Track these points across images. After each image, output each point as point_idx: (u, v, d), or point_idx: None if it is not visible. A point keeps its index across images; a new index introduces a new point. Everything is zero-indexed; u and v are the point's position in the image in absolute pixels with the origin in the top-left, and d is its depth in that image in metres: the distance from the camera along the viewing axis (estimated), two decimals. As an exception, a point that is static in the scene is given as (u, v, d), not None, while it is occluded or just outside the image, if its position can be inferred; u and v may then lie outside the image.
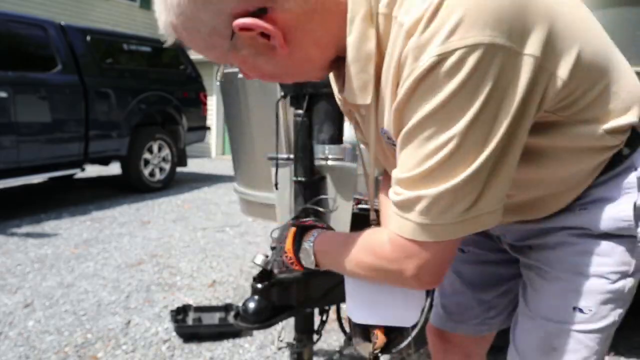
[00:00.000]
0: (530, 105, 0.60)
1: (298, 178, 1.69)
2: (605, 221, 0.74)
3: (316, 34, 0.67)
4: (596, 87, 0.68)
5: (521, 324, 0.86)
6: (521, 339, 0.85)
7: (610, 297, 0.76)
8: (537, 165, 0.71)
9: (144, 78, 6.32)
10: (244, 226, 4.58)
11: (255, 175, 2.71)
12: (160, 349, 2.28)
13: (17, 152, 4.83)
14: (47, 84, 5.19)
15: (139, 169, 6.14)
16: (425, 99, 0.58)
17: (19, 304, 2.76)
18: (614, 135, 0.71)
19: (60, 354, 2.23)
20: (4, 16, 5.10)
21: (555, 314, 0.79)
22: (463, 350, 1.14)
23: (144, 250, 3.82)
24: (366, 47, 0.65)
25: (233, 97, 2.78)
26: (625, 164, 0.74)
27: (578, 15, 0.69)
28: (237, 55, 0.68)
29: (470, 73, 0.56)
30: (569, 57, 0.63)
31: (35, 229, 4.42)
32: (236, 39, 0.65)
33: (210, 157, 11.15)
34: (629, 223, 0.74)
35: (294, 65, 0.70)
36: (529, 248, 0.85)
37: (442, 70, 0.56)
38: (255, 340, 2.36)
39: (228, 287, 3.07)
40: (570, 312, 0.77)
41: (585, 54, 0.65)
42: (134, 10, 11.70)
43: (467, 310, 1.08)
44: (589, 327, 0.77)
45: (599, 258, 0.75)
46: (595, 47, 0.68)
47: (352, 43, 0.65)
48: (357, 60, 0.66)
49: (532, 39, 0.58)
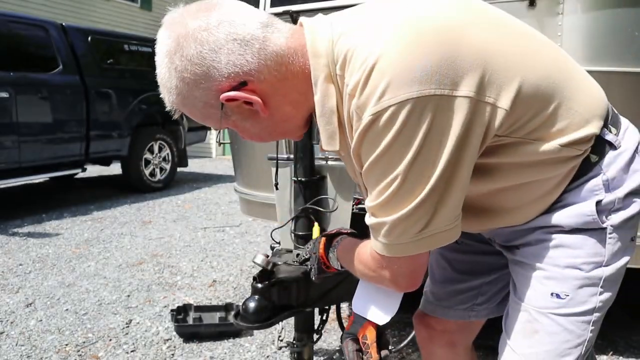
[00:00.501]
0: (471, 138, 0.70)
1: (298, 178, 1.70)
2: (572, 218, 0.82)
3: (290, 96, 0.80)
4: (545, 110, 0.75)
5: (509, 311, 0.93)
6: (508, 323, 0.92)
7: (586, 283, 0.82)
8: (499, 179, 0.80)
9: (145, 78, 6.31)
10: (244, 226, 4.59)
11: (256, 175, 2.71)
12: (161, 349, 2.29)
13: (18, 152, 4.84)
14: (48, 84, 5.20)
15: (140, 169, 6.15)
16: (371, 148, 0.71)
17: (21, 304, 2.77)
18: (573, 147, 0.78)
19: (61, 353, 2.23)
20: (5, 16, 5.11)
21: (535, 300, 0.85)
22: (448, 338, 1.18)
23: (145, 250, 3.83)
24: (329, 104, 0.77)
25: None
26: (595, 171, 0.81)
27: (519, 50, 0.76)
28: (229, 121, 0.82)
29: (403, 124, 0.66)
30: (510, 89, 0.71)
31: (36, 228, 4.43)
32: (225, 108, 0.79)
33: (210, 157, 11.16)
34: (592, 217, 0.81)
35: (275, 125, 0.83)
36: (516, 247, 0.92)
37: (379, 125, 0.68)
38: (255, 339, 2.37)
39: (228, 286, 3.08)
40: (548, 298, 0.83)
41: (527, 85, 0.72)
42: (134, 11, 11.70)
43: (456, 296, 1.13)
44: (568, 311, 0.82)
45: (572, 250, 0.82)
46: (539, 75, 0.75)
47: (317, 101, 0.78)
48: (323, 115, 0.78)
49: (464, 82, 0.67)
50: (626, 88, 1.84)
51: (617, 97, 1.87)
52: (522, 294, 0.88)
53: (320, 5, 2.28)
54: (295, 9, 2.32)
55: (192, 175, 7.97)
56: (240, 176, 2.90)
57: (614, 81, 1.82)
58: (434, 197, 0.71)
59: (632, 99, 1.84)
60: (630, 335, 2.37)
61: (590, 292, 0.82)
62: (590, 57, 1.81)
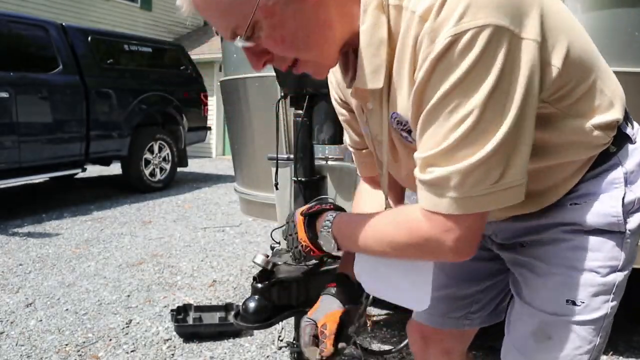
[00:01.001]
0: (534, 85, 0.64)
1: (298, 178, 1.70)
2: (595, 217, 0.78)
3: (339, 6, 0.71)
4: (586, 81, 0.73)
5: (516, 314, 0.89)
6: (516, 328, 0.88)
7: (601, 290, 0.79)
8: (535, 157, 0.73)
9: (145, 78, 6.33)
10: (244, 226, 4.59)
11: (256, 175, 2.71)
12: (161, 349, 2.29)
13: (18, 152, 4.84)
14: (48, 84, 5.20)
15: (140, 169, 6.15)
16: (444, 77, 0.62)
17: (21, 304, 2.77)
18: (602, 132, 0.76)
19: (61, 353, 2.23)
20: (5, 17, 5.11)
21: (550, 306, 0.82)
22: (444, 346, 1.16)
23: (145, 250, 3.83)
24: (379, 33, 0.70)
25: (233, 97, 2.79)
26: (613, 161, 0.79)
27: (567, 14, 0.73)
28: (266, 5, 0.67)
29: (483, 49, 0.61)
30: (561, 48, 0.67)
31: (36, 228, 4.43)
32: None
33: (210, 157, 11.16)
34: (617, 219, 0.78)
35: (316, 26, 0.71)
36: (521, 245, 0.88)
37: (457, 49, 0.61)
38: (255, 339, 2.37)
39: (228, 286, 3.08)
40: (564, 305, 0.80)
41: (574, 48, 0.69)
42: (134, 11, 11.70)
43: (451, 304, 1.11)
44: (583, 319, 0.80)
45: (590, 253, 0.79)
46: (582, 43, 0.73)
47: (365, 30, 0.70)
48: (370, 45, 0.70)
49: (530, 25, 0.63)
50: (626, 88, 1.84)
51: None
52: (532, 298, 0.85)
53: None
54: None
55: (192, 175, 7.97)
56: (240, 176, 2.90)
57: (614, 81, 1.82)
58: (509, 141, 0.64)
59: (632, 99, 1.84)
60: (631, 335, 2.37)
61: (604, 299, 0.80)
62: (590, 57, 1.81)
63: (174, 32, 12.62)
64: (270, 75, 2.28)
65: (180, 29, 12.85)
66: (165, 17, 12.32)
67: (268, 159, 1.84)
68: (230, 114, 2.90)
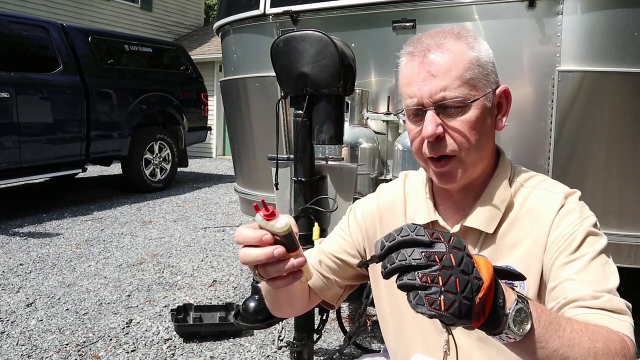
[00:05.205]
0: None
1: (298, 178, 1.70)
2: None
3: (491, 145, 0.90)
4: None
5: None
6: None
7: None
8: None
9: (145, 79, 6.33)
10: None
11: (256, 175, 2.72)
12: (161, 348, 2.29)
13: (19, 152, 4.85)
14: (49, 84, 5.20)
15: (140, 169, 6.16)
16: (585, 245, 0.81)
17: (21, 303, 2.77)
18: None
19: (61, 352, 2.24)
20: (6, 17, 5.12)
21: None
22: None
23: (145, 249, 3.83)
24: (506, 193, 0.88)
25: (233, 97, 2.79)
26: None
27: None
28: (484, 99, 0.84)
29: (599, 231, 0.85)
30: None
31: (37, 228, 4.44)
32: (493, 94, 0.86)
33: (211, 157, 11.17)
34: None
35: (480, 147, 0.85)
36: None
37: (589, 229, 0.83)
38: (255, 339, 2.37)
39: (228, 286, 3.08)
40: None
41: None
42: (134, 11, 11.70)
43: None
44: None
45: None
46: None
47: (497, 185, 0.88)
48: (497, 197, 0.87)
49: None
50: (626, 88, 1.84)
51: (616, 97, 1.88)
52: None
53: (320, 5, 2.28)
54: (295, 9, 2.32)
55: (192, 175, 7.97)
56: (240, 176, 2.91)
57: (613, 81, 1.82)
58: None
59: (632, 99, 1.84)
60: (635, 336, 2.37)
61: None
62: (590, 57, 1.81)
63: (174, 32, 12.63)
64: (270, 75, 2.28)
65: (181, 29, 12.86)
66: (165, 17, 12.33)
67: (268, 159, 1.84)
68: (230, 114, 2.90)
